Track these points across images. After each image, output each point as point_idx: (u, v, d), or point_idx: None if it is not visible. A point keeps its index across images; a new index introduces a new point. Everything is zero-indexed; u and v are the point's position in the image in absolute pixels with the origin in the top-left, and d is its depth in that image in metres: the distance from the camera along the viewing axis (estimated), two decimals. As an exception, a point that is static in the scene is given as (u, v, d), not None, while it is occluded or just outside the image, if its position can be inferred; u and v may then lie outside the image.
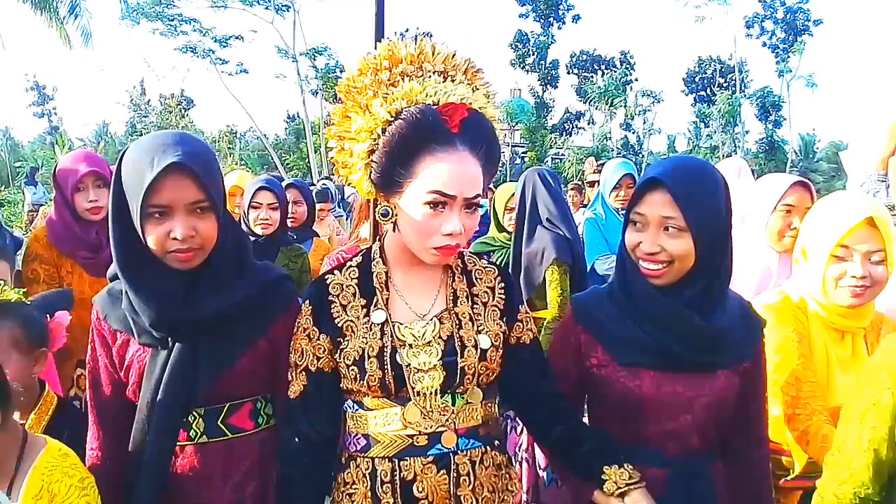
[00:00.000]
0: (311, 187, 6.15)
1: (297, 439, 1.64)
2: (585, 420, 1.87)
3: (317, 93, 24.96)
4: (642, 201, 1.68)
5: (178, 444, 1.69)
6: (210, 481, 1.69)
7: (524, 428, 3.09)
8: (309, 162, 23.49)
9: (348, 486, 1.63)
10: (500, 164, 1.78)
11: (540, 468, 3.20)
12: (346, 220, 7.10)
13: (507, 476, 1.70)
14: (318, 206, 5.66)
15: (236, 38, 22.63)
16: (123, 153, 1.63)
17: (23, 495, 1.64)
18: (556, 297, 3.43)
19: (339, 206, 7.39)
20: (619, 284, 1.79)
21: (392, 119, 1.55)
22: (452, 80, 1.60)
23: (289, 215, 4.08)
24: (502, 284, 1.72)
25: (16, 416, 1.69)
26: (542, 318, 3.46)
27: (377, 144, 1.57)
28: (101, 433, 1.78)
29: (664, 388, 1.69)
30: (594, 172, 5.60)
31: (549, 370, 1.76)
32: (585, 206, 5.92)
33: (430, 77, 1.58)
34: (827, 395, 1.96)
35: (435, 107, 1.53)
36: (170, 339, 1.66)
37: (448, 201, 1.52)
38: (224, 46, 22.60)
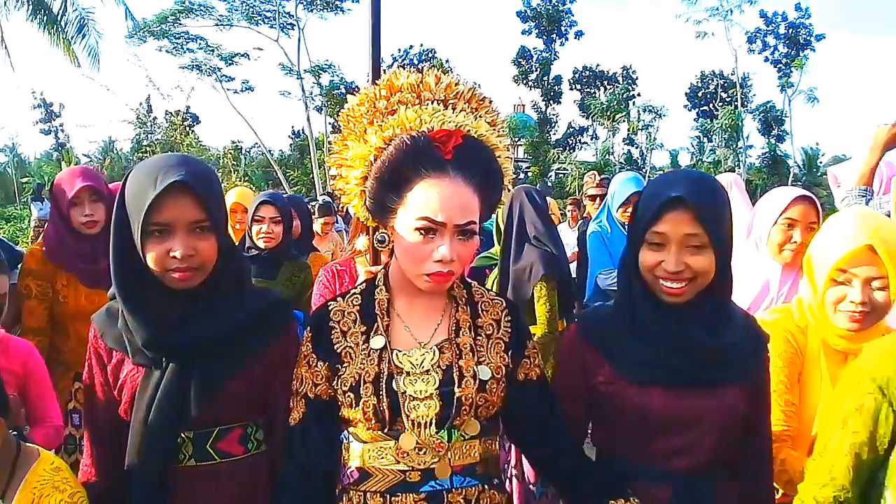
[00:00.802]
0: (313, 203, 6.19)
1: (296, 468, 1.61)
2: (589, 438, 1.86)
3: (321, 109, 25.12)
4: (662, 220, 1.63)
5: (168, 466, 1.66)
6: None
7: (511, 445, 3.09)
8: (313, 177, 23.58)
9: None
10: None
11: (530, 483, 3.22)
12: (346, 234, 7.13)
13: None
14: (321, 220, 5.69)
15: (242, 55, 22.81)
16: (128, 175, 1.65)
17: None
18: (545, 312, 3.46)
19: (343, 221, 7.41)
20: (624, 303, 1.77)
21: (384, 146, 1.56)
22: (453, 109, 1.60)
23: None
24: (509, 318, 1.69)
25: None
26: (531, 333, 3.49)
27: (370, 171, 1.59)
28: (94, 450, 1.78)
29: (673, 404, 1.66)
30: (595, 186, 5.58)
31: (557, 406, 1.72)
32: (585, 219, 5.90)
33: (427, 105, 1.58)
34: (823, 413, 1.93)
35: (429, 134, 1.54)
36: (164, 359, 1.66)
37: (438, 228, 1.51)
38: (229, 64, 22.79)
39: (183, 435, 1.67)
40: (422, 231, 1.51)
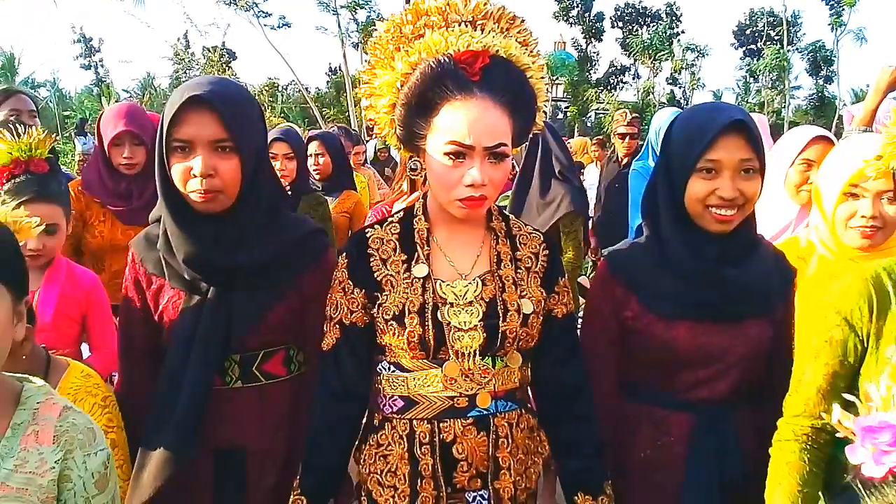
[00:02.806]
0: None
1: (327, 392, 1.63)
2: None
3: (357, 45, 24.87)
4: (716, 146, 1.63)
5: (212, 388, 1.70)
6: (243, 425, 1.73)
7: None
8: (349, 115, 23.51)
9: (382, 448, 1.61)
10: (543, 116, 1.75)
11: None
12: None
13: (538, 438, 1.70)
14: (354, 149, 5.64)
15: (278, -10, 22.52)
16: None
17: None
18: (574, 247, 3.57)
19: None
20: (653, 237, 1.78)
21: (411, 72, 1.55)
22: (482, 30, 1.56)
23: (314, 167, 4.21)
24: (546, 251, 1.69)
25: None
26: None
27: (398, 98, 1.58)
28: (128, 371, 1.85)
29: (700, 338, 1.69)
30: (626, 125, 5.47)
31: (576, 354, 1.72)
32: (611, 158, 5.81)
33: (454, 28, 1.55)
34: None
35: (454, 56, 1.51)
36: (203, 284, 1.69)
37: (467, 151, 1.50)
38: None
39: (230, 358, 1.72)
40: (451, 155, 1.50)
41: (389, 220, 1.69)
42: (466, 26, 1.56)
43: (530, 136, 1.74)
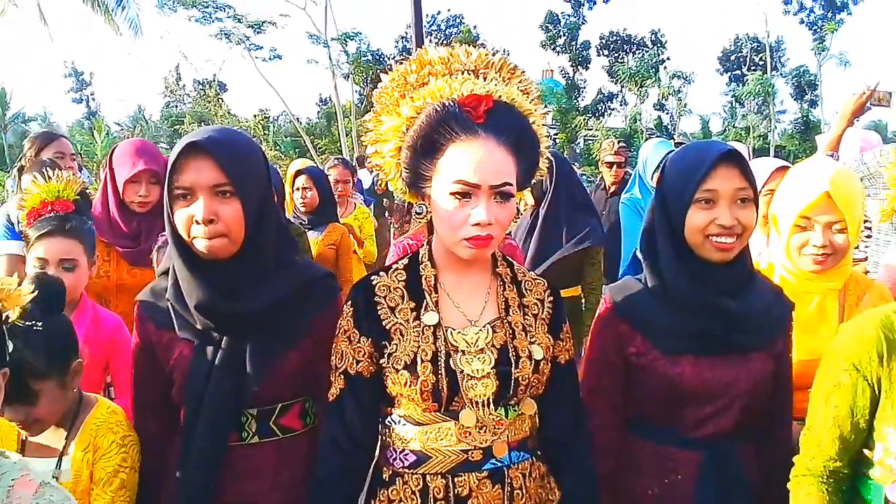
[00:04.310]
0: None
1: (331, 442, 1.62)
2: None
3: (348, 76, 25.06)
4: (712, 176, 1.69)
5: (229, 444, 1.69)
6: (259, 481, 1.71)
7: None
8: (340, 145, 23.62)
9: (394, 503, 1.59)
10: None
11: None
12: (368, 206, 7.23)
13: (549, 485, 1.68)
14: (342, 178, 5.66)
15: (269, 23, 22.77)
16: None
17: (74, 447, 1.77)
18: (599, 278, 3.68)
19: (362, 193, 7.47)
20: (653, 272, 1.81)
21: (416, 116, 1.58)
22: (484, 78, 1.60)
23: (301, 201, 4.31)
24: (551, 298, 1.70)
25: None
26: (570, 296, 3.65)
27: (403, 142, 1.60)
28: (144, 425, 1.84)
29: (704, 373, 1.73)
30: (614, 154, 5.57)
31: (578, 399, 1.74)
32: (601, 187, 5.88)
33: (458, 76, 1.59)
34: None
35: (459, 100, 1.54)
36: (214, 334, 1.68)
37: (473, 191, 1.50)
38: (258, 32, 22.75)
39: (246, 412, 1.71)
40: (457, 195, 1.51)
41: (394, 267, 1.69)
42: (469, 75, 1.60)
43: (533, 181, 1.77)
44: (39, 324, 1.64)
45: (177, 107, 25.49)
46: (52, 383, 1.71)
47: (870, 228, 3.03)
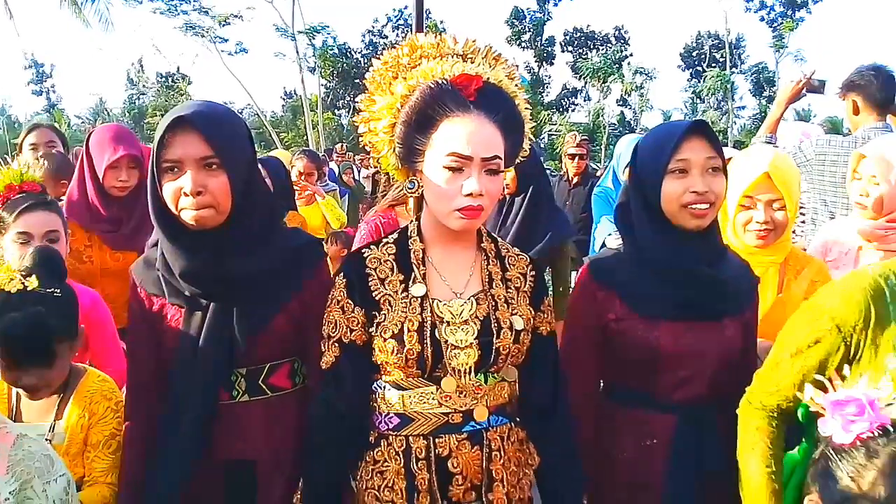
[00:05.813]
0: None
1: (326, 409, 1.67)
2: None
3: (314, 70, 24.97)
4: (683, 148, 1.78)
5: (220, 402, 1.73)
6: (252, 438, 1.75)
7: None
8: (307, 138, 23.54)
9: (378, 464, 1.65)
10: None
11: None
12: (343, 197, 7.25)
13: (528, 450, 1.74)
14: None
15: (235, 16, 22.59)
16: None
17: (68, 415, 1.85)
18: (571, 270, 3.69)
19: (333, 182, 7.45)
20: (630, 243, 1.90)
21: (410, 94, 1.66)
22: (472, 62, 1.70)
23: None
24: (532, 273, 1.78)
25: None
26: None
27: (398, 118, 1.67)
28: (136, 401, 1.84)
29: (680, 338, 1.80)
30: (576, 146, 5.79)
31: (557, 369, 1.80)
32: (564, 178, 5.99)
33: (448, 58, 1.68)
34: None
35: (451, 79, 1.63)
36: (202, 300, 1.72)
37: (465, 163, 1.58)
38: (224, 25, 22.57)
39: (236, 372, 1.75)
40: (450, 168, 1.59)
41: (385, 240, 1.76)
42: (457, 58, 1.70)
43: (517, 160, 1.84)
44: (58, 290, 1.74)
45: (139, 99, 25.11)
46: (67, 346, 1.79)
47: (804, 214, 3.30)
